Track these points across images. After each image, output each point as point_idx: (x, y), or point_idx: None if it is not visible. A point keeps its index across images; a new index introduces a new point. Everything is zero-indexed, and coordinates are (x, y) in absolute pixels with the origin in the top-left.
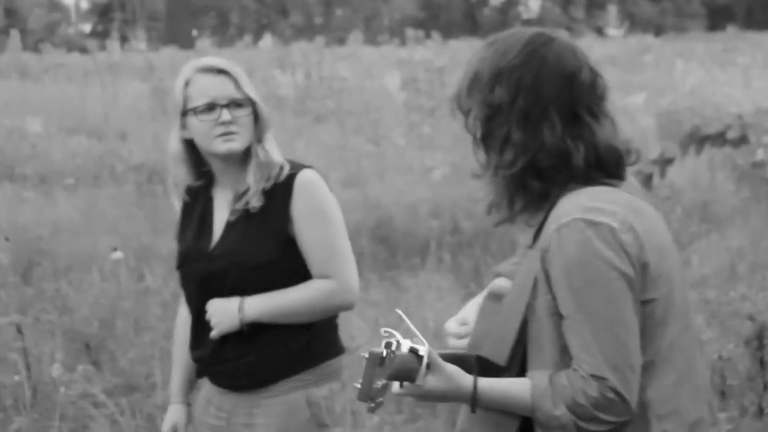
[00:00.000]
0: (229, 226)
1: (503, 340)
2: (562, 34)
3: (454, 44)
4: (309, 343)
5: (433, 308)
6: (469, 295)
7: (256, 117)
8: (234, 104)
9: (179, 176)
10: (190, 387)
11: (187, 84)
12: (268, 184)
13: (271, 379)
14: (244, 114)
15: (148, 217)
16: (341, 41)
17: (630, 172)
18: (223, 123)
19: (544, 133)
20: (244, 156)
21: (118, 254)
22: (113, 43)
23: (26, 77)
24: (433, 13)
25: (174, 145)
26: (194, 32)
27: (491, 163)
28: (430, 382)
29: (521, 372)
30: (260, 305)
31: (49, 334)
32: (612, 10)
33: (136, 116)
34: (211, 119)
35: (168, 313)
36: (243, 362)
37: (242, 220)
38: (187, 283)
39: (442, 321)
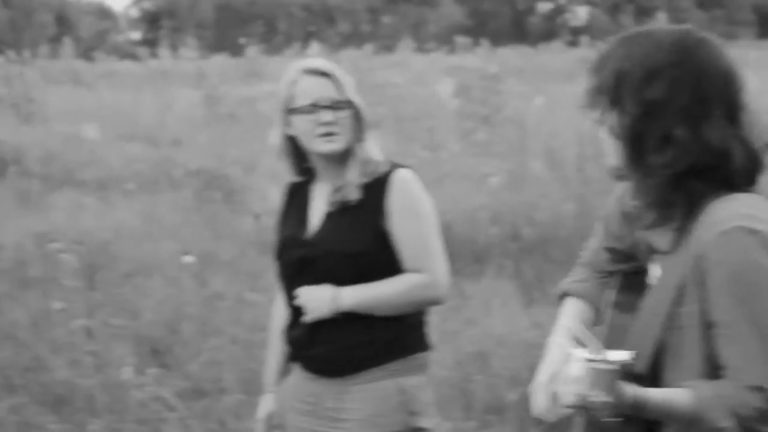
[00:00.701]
0: (327, 217)
1: (641, 348)
2: (709, 34)
3: (503, 52)
4: (400, 335)
5: (498, 315)
6: (532, 302)
7: (357, 118)
8: (335, 106)
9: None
10: (284, 376)
11: (292, 84)
12: (367, 179)
13: (361, 366)
14: (344, 115)
15: (207, 223)
16: (389, 49)
17: None
18: (324, 123)
19: (707, 131)
20: (345, 153)
21: (188, 258)
22: (164, 51)
23: (80, 84)
24: (481, 21)
25: (276, 139)
26: (242, 40)
27: (646, 163)
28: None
29: (654, 381)
30: (355, 295)
31: (117, 338)
32: (661, 18)
33: (190, 123)
34: (313, 119)
35: (233, 317)
36: (335, 347)
37: (339, 212)
38: (284, 270)
39: (508, 328)
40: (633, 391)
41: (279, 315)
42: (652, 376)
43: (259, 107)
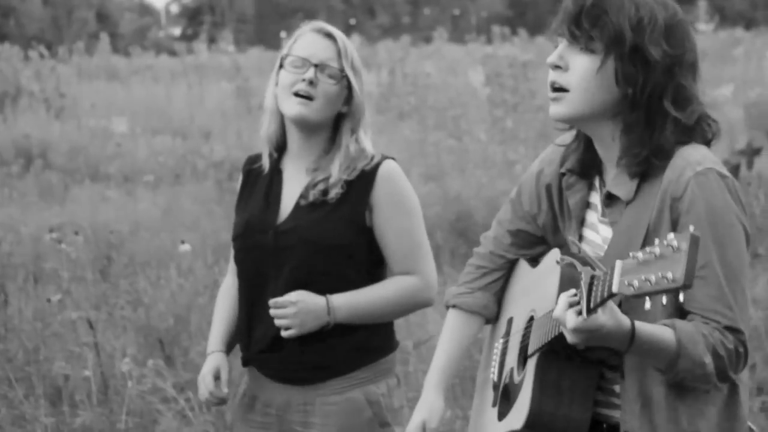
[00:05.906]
0: (303, 205)
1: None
2: None
3: (541, 41)
4: (369, 338)
5: None
6: None
7: (349, 100)
8: (326, 70)
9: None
10: (230, 340)
11: (295, 40)
12: (352, 176)
13: (329, 374)
14: (330, 83)
15: (227, 214)
16: (428, 40)
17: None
18: (305, 80)
19: (698, 88)
20: (330, 141)
21: (185, 247)
22: (200, 45)
23: (114, 79)
24: (520, 11)
25: (267, 99)
26: (282, 34)
27: (662, 112)
28: (600, 316)
29: None
30: (349, 306)
31: (122, 329)
32: (702, 5)
33: (221, 115)
34: (297, 72)
35: None
36: (302, 351)
37: (318, 202)
38: (245, 255)
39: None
40: (627, 320)
41: (229, 291)
42: None
43: None
